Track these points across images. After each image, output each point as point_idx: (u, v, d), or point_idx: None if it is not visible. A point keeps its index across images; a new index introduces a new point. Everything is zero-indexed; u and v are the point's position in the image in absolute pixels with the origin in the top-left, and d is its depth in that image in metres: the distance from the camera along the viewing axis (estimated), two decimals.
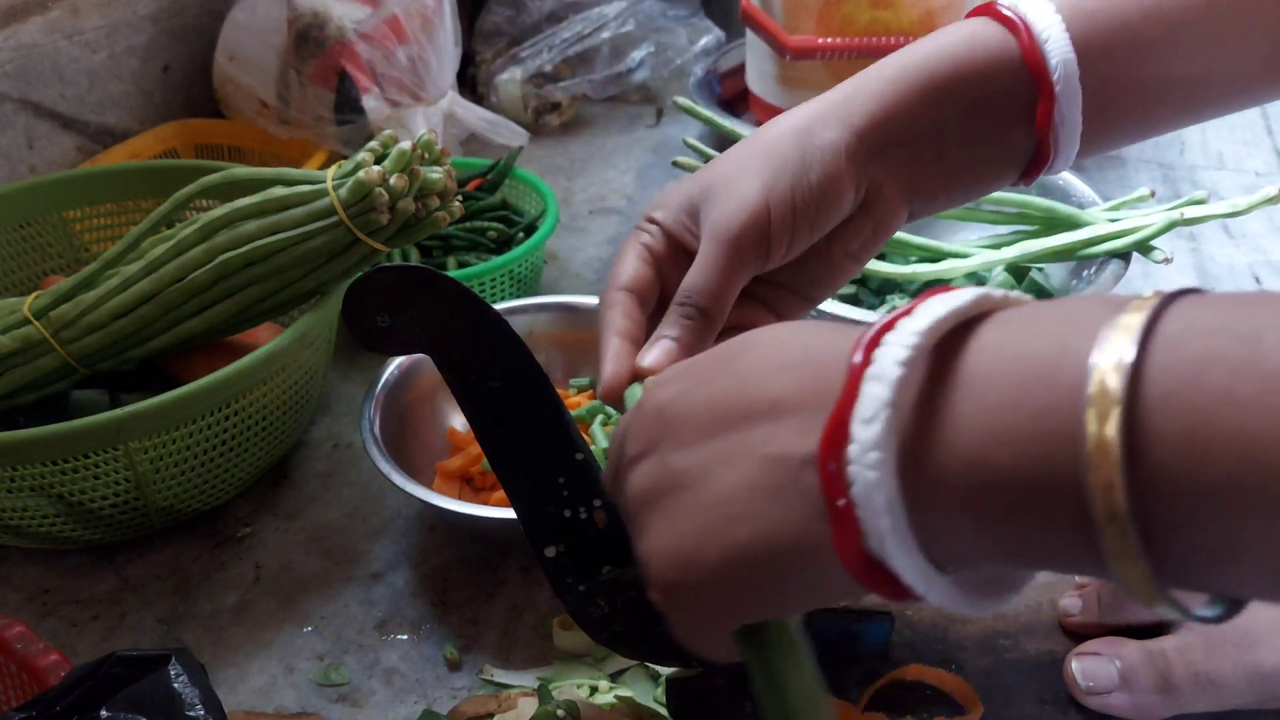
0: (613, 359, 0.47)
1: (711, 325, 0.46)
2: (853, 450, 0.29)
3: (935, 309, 0.30)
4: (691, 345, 0.46)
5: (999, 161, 0.49)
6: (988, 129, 0.48)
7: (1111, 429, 0.25)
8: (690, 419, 0.35)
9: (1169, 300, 0.27)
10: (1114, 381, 0.26)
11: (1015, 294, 0.32)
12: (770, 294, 0.50)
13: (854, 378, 0.30)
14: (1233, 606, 0.29)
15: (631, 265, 0.49)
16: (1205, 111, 0.50)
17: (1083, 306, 0.29)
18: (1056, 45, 0.46)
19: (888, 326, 0.30)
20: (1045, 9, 0.47)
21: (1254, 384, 0.24)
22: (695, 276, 0.46)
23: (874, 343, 0.30)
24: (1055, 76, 0.46)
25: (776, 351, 0.35)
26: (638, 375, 0.45)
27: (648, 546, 0.36)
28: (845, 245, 0.49)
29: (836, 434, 0.30)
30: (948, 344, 0.30)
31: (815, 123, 0.47)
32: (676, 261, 0.49)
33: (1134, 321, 0.27)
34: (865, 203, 0.48)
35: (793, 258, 0.48)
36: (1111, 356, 0.26)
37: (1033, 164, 0.49)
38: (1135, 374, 0.26)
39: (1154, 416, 0.25)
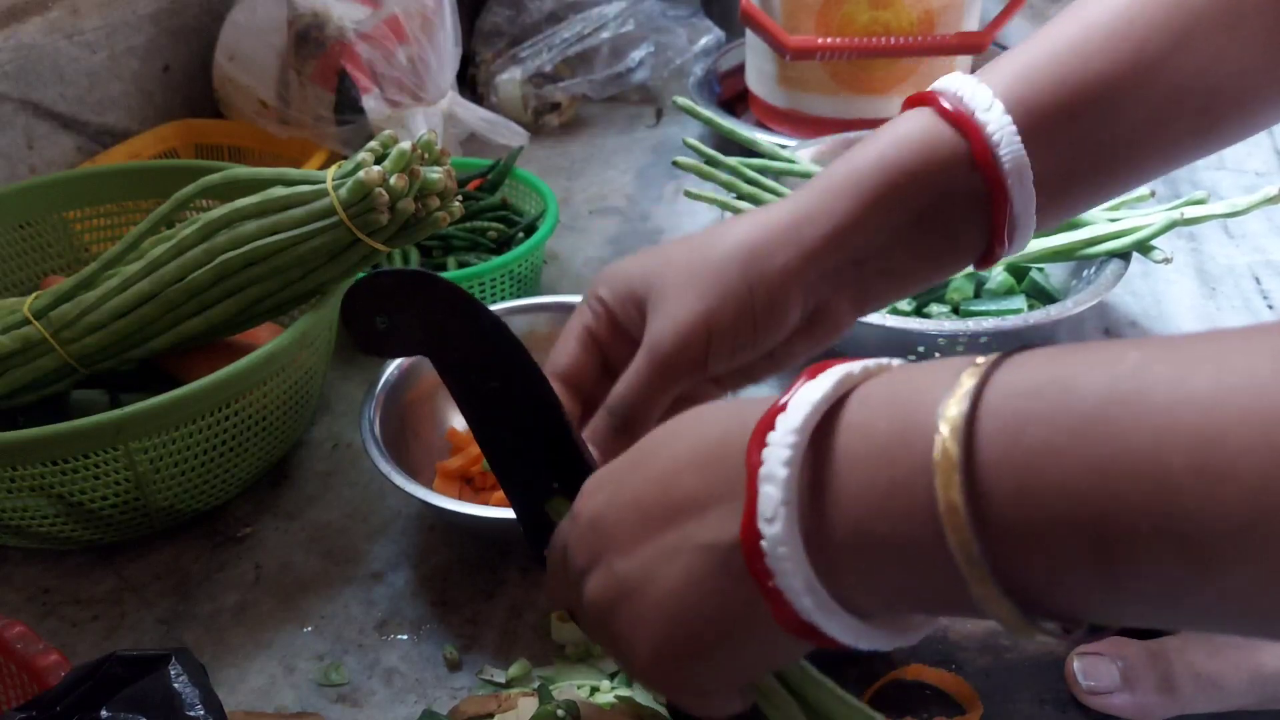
0: None
1: (635, 433, 0.48)
2: (765, 545, 0.33)
3: (806, 399, 0.33)
4: (616, 449, 0.48)
5: (950, 261, 0.50)
6: (939, 235, 0.48)
7: (955, 492, 0.29)
8: (623, 525, 0.38)
9: (993, 366, 0.30)
10: (953, 450, 0.29)
11: (874, 364, 0.35)
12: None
13: (752, 479, 0.33)
14: (1095, 628, 0.31)
15: (570, 351, 0.52)
16: (1153, 171, 0.49)
17: (923, 381, 0.32)
18: (1009, 148, 0.45)
19: (768, 425, 0.33)
20: (990, 103, 0.46)
21: (1065, 434, 0.28)
22: (624, 388, 0.49)
23: (760, 442, 0.33)
24: (1009, 181, 0.46)
25: (681, 450, 0.38)
26: None
27: (622, 654, 0.39)
28: (789, 350, 0.51)
29: (750, 533, 0.33)
30: (824, 425, 0.33)
31: (765, 246, 0.47)
32: (621, 340, 0.51)
33: (965, 390, 0.30)
34: (812, 318, 0.50)
35: (730, 369, 0.50)
36: (947, 427, 0.30)
37: (984, 257, 0.49)
38: (968, 441, 0.29)
39: (989, 477, 0.29)
